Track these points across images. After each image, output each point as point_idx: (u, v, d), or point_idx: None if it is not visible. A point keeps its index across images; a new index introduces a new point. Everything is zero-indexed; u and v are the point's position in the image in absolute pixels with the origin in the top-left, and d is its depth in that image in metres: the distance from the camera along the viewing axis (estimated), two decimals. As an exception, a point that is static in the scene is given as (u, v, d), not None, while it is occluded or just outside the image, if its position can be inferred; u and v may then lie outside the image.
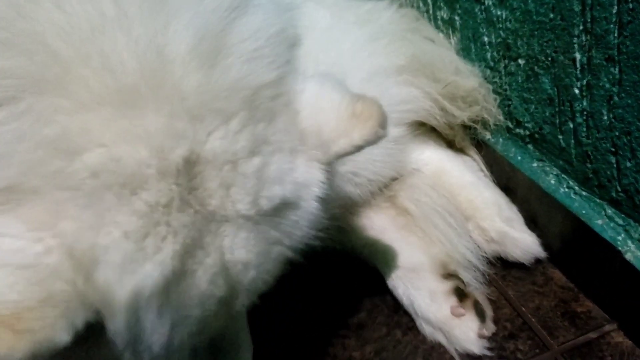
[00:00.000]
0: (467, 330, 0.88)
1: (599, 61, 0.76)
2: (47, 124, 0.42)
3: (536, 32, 0.86)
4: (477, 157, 1.10)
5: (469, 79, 1.06)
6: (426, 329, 0.92)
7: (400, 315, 0.98)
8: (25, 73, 0.42)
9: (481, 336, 0.87)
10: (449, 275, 0.95)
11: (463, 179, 1.07)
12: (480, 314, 0.89)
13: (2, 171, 0.42)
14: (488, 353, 0.87)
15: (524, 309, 0.94)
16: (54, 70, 0.43)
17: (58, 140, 0.42)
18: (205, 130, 0.47)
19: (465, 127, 1.11)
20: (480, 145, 1.08)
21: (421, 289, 0.93)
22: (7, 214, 0.42)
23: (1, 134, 0.42)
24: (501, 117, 1.02)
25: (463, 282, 0.94)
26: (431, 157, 1.10)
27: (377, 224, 1.05)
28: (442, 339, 0.90)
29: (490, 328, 0.89)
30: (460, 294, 0.91)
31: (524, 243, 0.97)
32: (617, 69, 0.73)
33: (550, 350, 0.87)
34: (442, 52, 1.11)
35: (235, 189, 0.48)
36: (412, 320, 0.97)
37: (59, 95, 0.43)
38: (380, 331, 0.96)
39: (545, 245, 1.01)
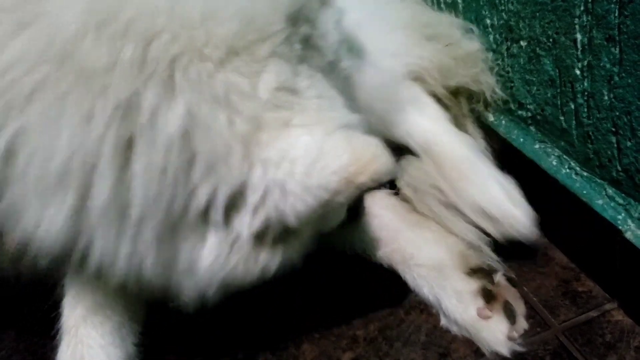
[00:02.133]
0: (495, 332, 0.86)
1: (599, 41, 0.76)
2: None
3: (538, 14, 0.87)
4: (478, 135, 1.10)
5: (470, 41, 1.06)
6: (454, 329, 0.91)
7: (402, 296, 0.99)
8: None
9: (511, 338, 0.86)
10: (473, 271, 0.93)
11: (457, 151, 1.05)
12: (510, 315, 0.87)
13: None
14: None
15: (525, 288, 0.95)
16: None
17: None
18: None
19: (467, 100, 1.10)
20: (484, 129, 1.08)
21: (447, 289, 0.92)
22: None
23: None
24: (498, 90, 1.01)
25: (490, 276, 0.93)
26: (427, 125, 1.09)
27: (390, 225, 1.04)
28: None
29: (520, 328, 0.87)
30: (488, 294, 0.89)
31: (522, 220, 0.97)
32: (617, 49, 0.74)
33: (551, 328, 0.89)
34: (443, 15, 1.11)
35: None
36: (414, 300, 0.98)
37: None
38: (383, 311, 0.97)
39: (546, 226, 1.02)
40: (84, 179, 0.57)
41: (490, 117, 1.08)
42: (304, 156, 0.58)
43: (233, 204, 0.61)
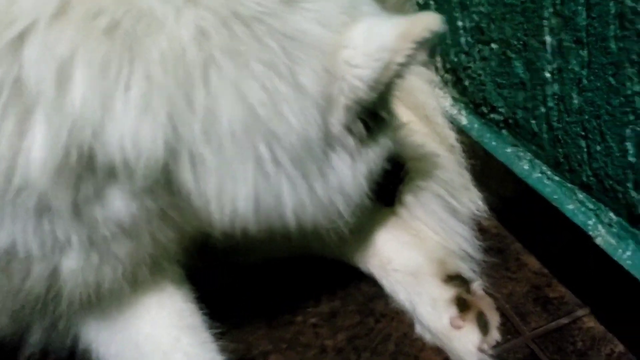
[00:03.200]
0: (466, 343, 0.85)
1: (568, 44, 0.75)
2: None
3: (507, 16, 0.85)
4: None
5: None
6: (427, 337, 0.89)
7: (374, 303, 0.97)
8: None
9: (481, 350, 0.84)
10: (450, 278, 0.92)
11: None
12: (483, 326, 0.85)
13: None
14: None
15: (497, 295, 0.93)
16: None
17: None
18: None
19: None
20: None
21: (422, 295, 0.91)
22: None
23: None
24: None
25: (467, 283, 0.91)
26: None
27: (368, 228, 1.00)
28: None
29: (492, 340, 0.85)
30: (462, 303, 0.88)
31: None
32: (585, 52, 0.72)
33: (522, 335, 0.87)
34: None
35: None
36: (385, 307, 0.96)
37: None
38: (353, 319, 0.95)
39: (520, 231, 1.01)
40: (275, 125, 0.60)
41: (464, 121, 1.06)
42: (363, 31, 0.61)
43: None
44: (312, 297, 1.01)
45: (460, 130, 1.07)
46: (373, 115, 0.69)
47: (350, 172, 0.69)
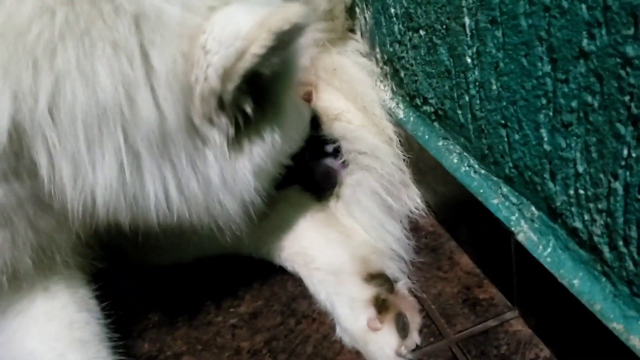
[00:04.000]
0: (383, 346, 0.80)
1: (484, 24, 0.70)
2: None
3: (431, -1, 0.80)
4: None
5: None
6: (346, 339, 0.84)
7: (297, 303, 0.92)
8: None
9: (399, 354, 0.79)
10: (372, 277, 0.87)
11: None
12: (402, 328, 0.81)
13: None
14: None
15: (425, 295, 0.88)
16: None
17: None
18: None
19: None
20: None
21: (341, 295, 0.86)
22: None
23: None
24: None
25: (390, 282, 0.87)
26: None
27: (296, 224, 0.97)
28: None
29: (412, 343, 0.81)
30: (381, 304, 0.83)
31: None
32: (500, 32, 0.67)
33: (445, 338, 0.82)
34: None
35: None
36: (307, 308, 0.91)
37: None
38: (274, 320, 0.90)
39: (454, 229, 0.96)
40: (128, 112, 0.56)
41: (400, 114, 1.01)
42: (224, 17, 0.58)
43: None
44: (237, 297, 0.96)
45: (399, 125, 1.02)
46: (249, 107, 0.64)
47: (224, 167, 0.65)
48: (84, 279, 0.80)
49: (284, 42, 0.58)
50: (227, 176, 0.65)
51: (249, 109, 0.63)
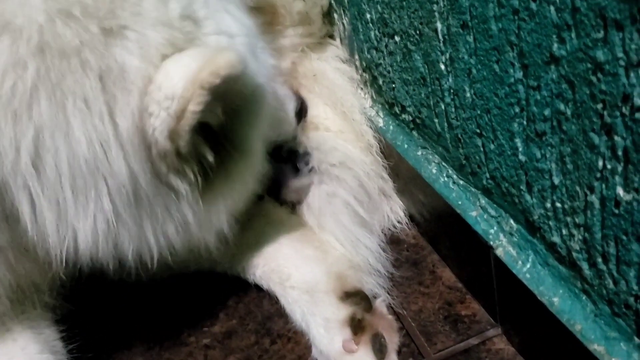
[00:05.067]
0: None
1: (456, 29, 0.66)
2: None
3: (404, 3, 0.77)
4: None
5: None
6: None
7: (272, 322, 0.89)
8: None
9: None
10: (347, 295, 0.83)
11: None
12: (379, 350, 0.77)
13: None
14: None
15: (405, 312, 0.84)
16: None
17: None
18: None
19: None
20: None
21: (316, 316, 0.83)
22: None
23: None
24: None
25: (367, 300, 0.83)
26: None
27: (272, 240, 0.93)
28: None
29: None
30: (357, 324, 0.79)
31: None
32: (472, 37, 0.64)
33: (425, 358, 0.78)
34: None
35: None
36: (283, 327, 0.87)
37: None
38: (249, 340, 0.86)
39: (436, 242, 0.92)
40: (104, 167, 0.57)
41: (380, 122, 0.97)
42: (161, 74, 0.56)
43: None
44: (211, 315, 0.92)
45: (379, 133, 0.98)
46: (209, 155, 0.64)
47: (197, 212, 0.65)
48: (50, 319, 0.79)
49: (220, 93, 0.56)
50: (202, 218, 0.66)
51: (209, 157, 0.62)
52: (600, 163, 0.50)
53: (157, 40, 0.57)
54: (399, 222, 0.99)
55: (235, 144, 0.66)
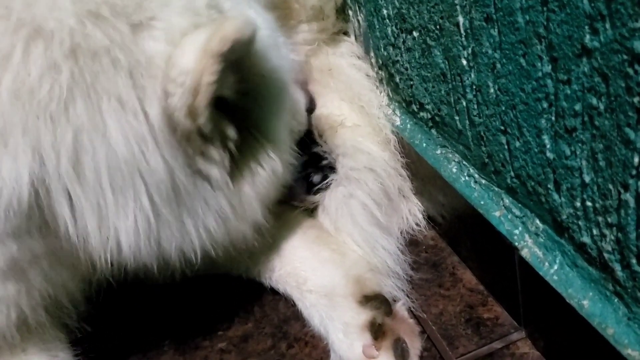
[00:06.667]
0: None
1: (479, 22, 0.64)
2: None
3: (423, -3, 0.75)
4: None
5: None
6: None
7: (289, 326, 0.87)
8: None
9: None
10: (367, 299, 0.81)
11: None
12: (401, 355, 0.75)
13: None
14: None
15: (425, 315, 0.82)
16: None
17: None
18: None
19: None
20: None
21: (335, 320, 0.81)
22: None
23: None
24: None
25: (387, 304, 0.81)
26: None
27: (288, 243, 0.91)
28: None
29: None
30: (378, 329, 0.77)
31: None
32: (496, 30, 0.62)
33: (446, 363, 0.75)
34: None
35: None
36: (300, 331, 0.85)
37: None
38: (265, 343, 0.85)
39: (456, 243, 0.90)
40: (143, 165, 0.57)
41: (397, 121, 0.95)
42: (177, 53, 0.56)
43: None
44: (226, 319, 0.90)
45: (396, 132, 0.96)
46: (232, 132, 0.63)
47: (231, 199, 0.65)
48: (65, 342, 0.78)
49: (233, 60, 0.55)
50: (237, 208, 0.66)
51: (232, 134, 0.62)
52: (636, 160, 0.48)
53: (182, 25, 0.57)
54: (417, 224, 0.96)
55: (262, 130, 0.66)
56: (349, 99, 1.01)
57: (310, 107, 0.98)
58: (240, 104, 0.62)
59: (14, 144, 0.53)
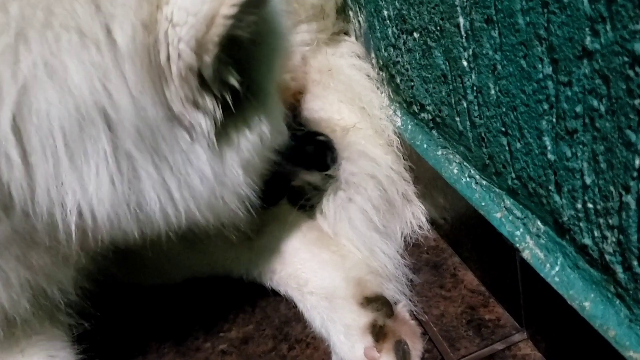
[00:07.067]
0: None
1: (479, 24, 0.64)
2: None
3: (424, -2, 0.75)
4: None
5: None
6: None
7: (290, 327, 0.87)
8: None
9: None
10: (368, 300, 0.81)
11: None
12: (403, 357, 0.75)
13: None
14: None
15: (426, 316, 0.82)
16: None
17: None
18: None
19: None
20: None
21: (336, 322, 0.80)
22: None
23: None
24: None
25: (389, 306, 0.81)
26: None
27: (288, 245, 0.91)
28: None
29: None
30: (378, 331, 0.77)
31: None
32: (497, 32, 0.61)
33: (448, 364, 0.75)
34: None
35: None
36: (301, 332, 0.85)
37: None
38: (266, 345, 0.84)
39: (457, 244, 0.89)
40: (109, 108, 0.51)
41: (398, 122, 0.95)
42: None
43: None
44: (227, 320, 0.90)
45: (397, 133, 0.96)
46: (234, 79, 0.57)
47: (213, 161, 0.59)
48: (65, 341, 0.75)
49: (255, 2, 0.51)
50: (218, 170, 0.59)
51: (234, 81, 0.56)
52: (638, 162, 0.48)
53: None
54: (420, 227, 0.96)
55: (256, 90, 0.61)
56: (349, 100, 1.01)
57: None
58: (245, 56, 0.57)
59: None
